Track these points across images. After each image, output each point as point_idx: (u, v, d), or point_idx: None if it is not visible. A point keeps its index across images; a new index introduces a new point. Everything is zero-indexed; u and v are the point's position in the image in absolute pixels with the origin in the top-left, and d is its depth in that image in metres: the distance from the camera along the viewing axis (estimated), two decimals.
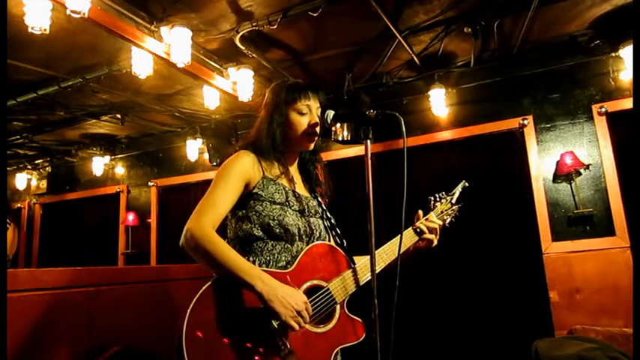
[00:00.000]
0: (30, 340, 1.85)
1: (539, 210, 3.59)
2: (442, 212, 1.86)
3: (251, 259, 1.47)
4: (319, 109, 1.64)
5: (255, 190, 1.52)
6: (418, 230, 1.75)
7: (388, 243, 1.68)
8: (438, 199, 1.89)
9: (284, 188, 1.57)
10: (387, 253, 1.65)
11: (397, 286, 1.41)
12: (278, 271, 1.44)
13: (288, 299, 1.32)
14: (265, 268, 1.42)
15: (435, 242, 1.77)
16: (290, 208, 1.55)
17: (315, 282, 1.48)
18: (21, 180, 5.98)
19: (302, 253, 1.50)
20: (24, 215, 6.06)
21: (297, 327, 1.33)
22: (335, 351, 1.46)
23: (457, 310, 3.71)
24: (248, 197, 1.52)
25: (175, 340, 1.24)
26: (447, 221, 1.87)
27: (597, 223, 3.43)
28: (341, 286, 1.51)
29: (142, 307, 2.42)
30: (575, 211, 3.46)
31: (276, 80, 1.88)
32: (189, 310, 1.25)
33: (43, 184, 5.94)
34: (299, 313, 1.33)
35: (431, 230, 1.76)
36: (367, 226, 1.38)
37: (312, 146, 1.66)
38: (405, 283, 1.69)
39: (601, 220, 3.42)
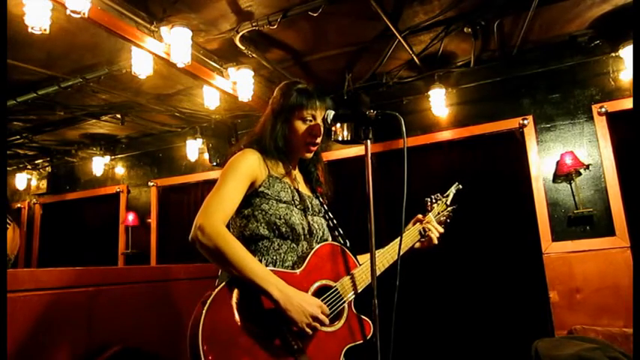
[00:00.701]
0: (30, 340, 1.85)
1: (539, 210, 3.59)
2: (439, 213, 1.89)
3: (257, 258, 1.48)
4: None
5: (262, 189, 1.52)
6: (423, 232, 1.77)
7: (390, 244, 1.68)
8: (434, 201, 1.91)
9: (289, 187, 1.58)
10: (390, 254, 1.66)
11: (397, 286, 1.42)
12: (289, 271, 1.44)
13: (305, 305, 1.33)
14: (274, 269, 1.42)
15: (435, 242, 1.79)
16: (295, 207, 1.55)
17: (324, 282, 1.49)
18: (21, 180, 5.98)
19: (310, 253, 1.50)
20: (24, 215, 6.06)
21: (311, 333, 1.35)
22: (344, 349, 1.47)
23: (457, 310, 3.71)
24: (254, 195, 1.52)
25: (188, 340, 1.25)
26: (443, 222, 1.89)
27: (597, 223, 3.43)
28: (348, 286, 1.52)
29: (142, 307, 2.42)
30: (575, 211, 3.46)
31: (277, 80, 1.87)
32: (204, 311, 1.25)
33: (43, 184, 5.94)
34: (315, 318, 1.35)
35: (437, 234, 1.78)
36: (367, 225, 1.38)
37: (310, 156, 1.65)
38: (405, 283, 1.69)
39: (601, 220, 3.42)
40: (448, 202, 1.93)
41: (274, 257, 1.49)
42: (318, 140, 1.62)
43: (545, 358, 2.67)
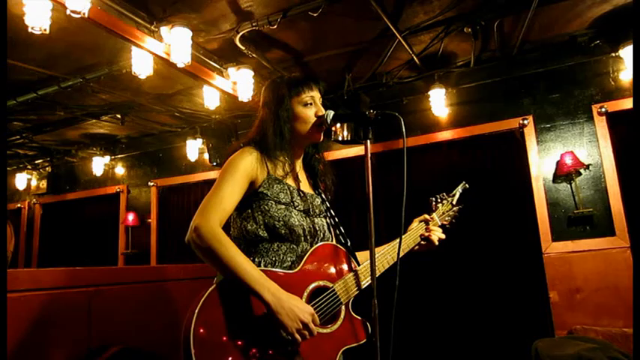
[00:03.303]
0: (30, 339, 1.85)
1: (539, 210, 3.59)
2: (443, 213, 1.86)
3: (256, 259, 1.47)
4: (321, 100, 1.63)
5: (261, 190, 1.50)
6: (423, 237, 1.75)
7: (389, 244, 1.66)
8: (439, 200, 1.88)
9: (289, 188, 1.55)
10: (391, 255, 1.64)
11: (397, 286, 1.41)
12: (284, 271, 1.43)
13: (296, 311, 1.31)
14: (271, 269, 1.41)
15: (436, 244, 1.77)
16: (295, 208, 1.53)
17: (321, 283, 1.48)
18: (21, 180, 5.98)
19: (308, 253, 1.49)
20: (24, 215, 6.06)
21: (300, 340, 1.32)
22: (340, 351, 1.46)
23: (457, 310, 3.71)
24: (253, 196, 1.50)
25: (181, 340, 1.24)
26: (448, 222, 1.87)
27: (597, 223, 3.43)
28: (346, 287, 1.51)
29: (142, 306, 2.42)
30: (575, 211, 3.46)
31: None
32: (196, 311, 1.25)
33: (43, 184, 5.95)
34: (305, 325, 1.33)
35: (439, 240, 1.76)
36: (367, 226, 1.38)
37: (322, 137, 1.62)
38: (405, 283, 1.69)
39: (601, 220, 3.42)
40: (454, 202, 1.90)
41: (273, 258, 1.48)
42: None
43: (545, 358, 2.67)
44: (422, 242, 1.76)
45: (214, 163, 4.61)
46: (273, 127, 1.56)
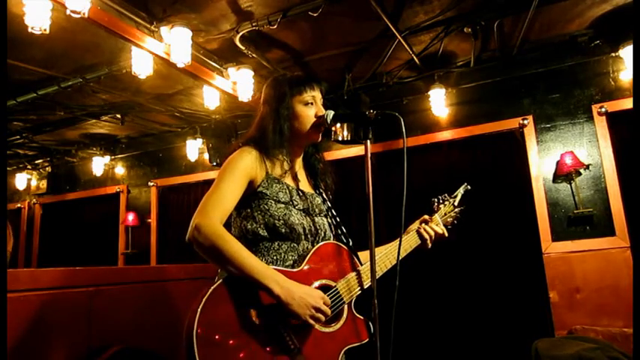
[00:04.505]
0: (30, 340, 1.85)
1: (539, 210, 3.59)
2: (445, 214, 1.86)
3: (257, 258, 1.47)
4: (322, 100, 1.63)
5: (260, 189, 1.50)
6: (422, 235, 1.74)
7: (392, 244, 1.66)
8: (441, 201, 1.88)
9: (288, 187, 1.55)
10: (393, 255, 1.63)
11: (397, 286, 1.41)
12: (288, 270, 1.43)
13: (306, 298, 1.32)
14: (275, 267, 1.41)
15: (429, 246, 1.76)
16: (294, 207, 1.53)
17: (324, 282, 1.47)
18: (21, 180, 5.98)
19: (310, 252, 1.48)
20: (24, 215, 6.06)
21: (316, 325, 1.34)
22: (343, 351, 1.46)
23: (457, 310, 3.71)
24: (252, 196, 1.50)
25: (184, 338, 1.24)
26: (450, 223, 1.87)
27: (597, 223, 3.43)
28: (348, 286, 1.51)
29: (142, 306, 2.42)
30: (575, 211, 3.46)
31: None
32: (199, 309, 1.24)
33: (43, 184, 5.95)
34: (318, 309, 1.33)
35: (437, 236, 1.75)
36: (366, 225, 1.38)
37: (320, 137, 1.62)
38: (405, 283, 1.69)
39: (601, 220, 3.42)
40: (456, 203, 1.90)
41: (275, 257, 1.47)
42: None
43: (545, 358, 2.67)
44: (422, 241, 1.76)
45: (214, 163, 4.61)
46: (272, 124, 1.56)
